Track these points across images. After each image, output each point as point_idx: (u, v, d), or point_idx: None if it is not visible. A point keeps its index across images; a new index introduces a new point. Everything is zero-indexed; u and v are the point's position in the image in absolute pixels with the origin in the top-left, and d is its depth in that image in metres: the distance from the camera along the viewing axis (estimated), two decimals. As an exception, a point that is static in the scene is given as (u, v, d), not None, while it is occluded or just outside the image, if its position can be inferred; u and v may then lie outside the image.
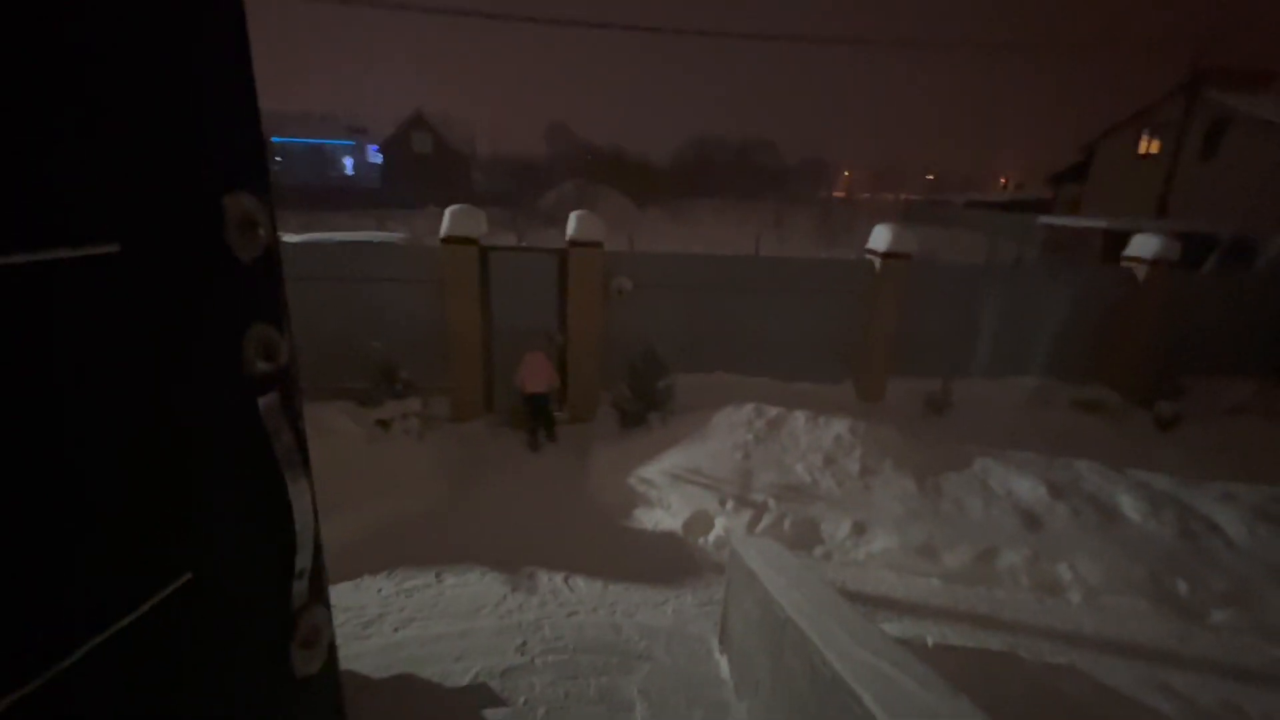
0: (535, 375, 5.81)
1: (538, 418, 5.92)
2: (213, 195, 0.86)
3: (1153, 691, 2.80)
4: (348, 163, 40.53)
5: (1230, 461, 5.97)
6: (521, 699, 2.41)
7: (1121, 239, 8.23)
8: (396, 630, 3.15)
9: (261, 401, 0.93)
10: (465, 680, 2.51)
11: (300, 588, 1.00)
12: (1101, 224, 16.49)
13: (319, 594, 1.07)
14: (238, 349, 0.90)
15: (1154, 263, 7.19)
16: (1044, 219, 19.84)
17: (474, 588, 3.64)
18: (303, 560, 0.98)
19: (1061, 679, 2.76)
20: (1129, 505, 4.47)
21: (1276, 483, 4.75)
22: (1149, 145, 19.03)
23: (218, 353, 0.88)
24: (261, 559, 0.96)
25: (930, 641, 3.12)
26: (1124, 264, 7.50)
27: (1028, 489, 4.66)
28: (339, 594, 3.51)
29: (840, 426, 5.28)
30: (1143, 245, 7.34)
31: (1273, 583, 3.82)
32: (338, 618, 3.17)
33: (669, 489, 4.79)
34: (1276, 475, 5.09)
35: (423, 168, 34.32)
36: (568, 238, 6.21)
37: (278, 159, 36.32)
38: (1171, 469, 5.21)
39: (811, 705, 1.76)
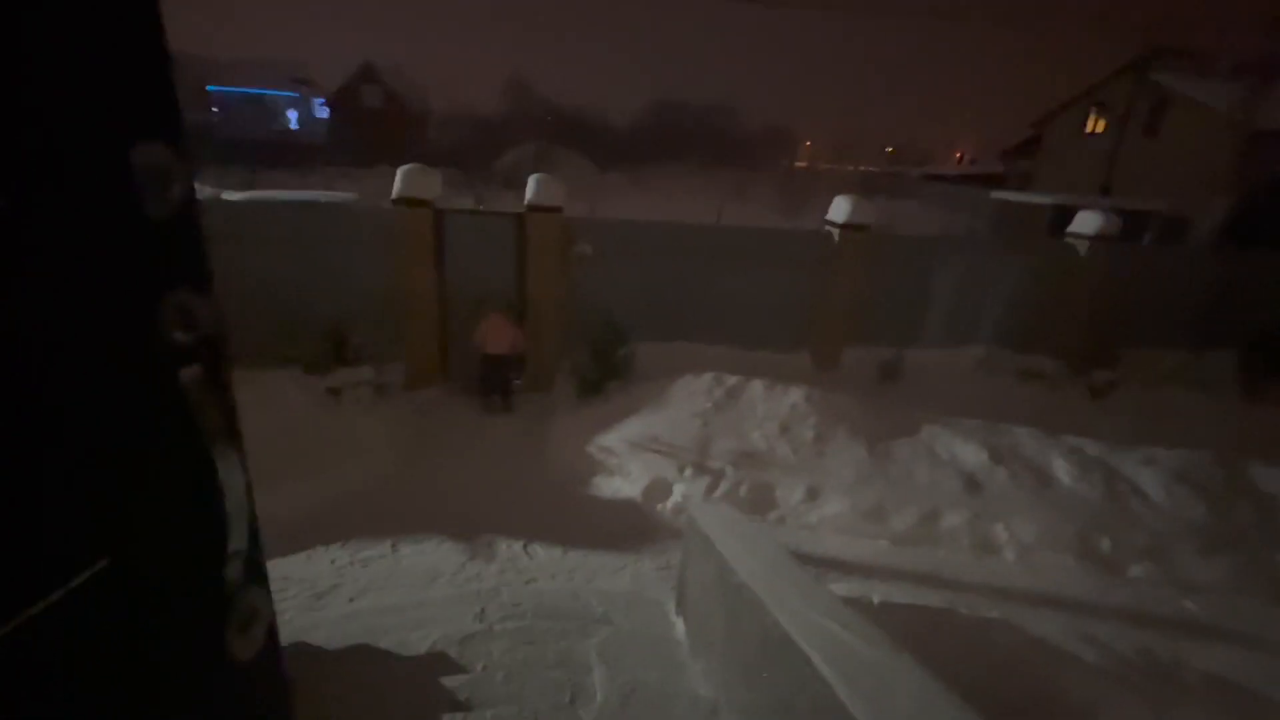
0: (497, 336, 5.71)
1: (493, 380, 5.83)
2: (116, 146, 0.77)
3: (1077, 641, 3.00)
4: (291, 116, 38.21)
5: (1157, 427, 6.37)
6: (480, 665, 2.41)
7: (1068, 213, 8.52)
8: (352, 600, 3.10)
9: (183, 374, 0.86)
10: (423, 649, 2.49)
11: (234, 569, 0.95)
12: (1049, 199, 17.03)
13: (255, 574, 1.03)
14: (152, 317, 0.83)
15: (1094, 238, 7.50)
16: (996, 194, 20.36)
17: (431, 557, 3.61)
18: (236, 541, 0.93)
19: (995, 632, 2.94)
20: (1061, 469, 4.73)
21: (1196, 447, 5.09)
22: (1096, 123, 19.63)
23: (128, 322, 0.81)
24: (190, 541, 0.91)
25: (876, 600, 3.26)
26: (1067, 239, 7.79)
27: (970, 454, 4.87)
28: (290, 566, 3.42)
29: (796, 395, 5.39)
30: (1085, 222, 7.62)
31: (1185, 539, 4.13)
32: (290, 590, 3.12)
33: (628, 457, 4.82)
34: (1197, 440, 5.45)
35: (373, 123, 32.70)
36: (526, 202, 6.04)
37: (214, 110, 33.98)
38: (1102, 435, 5.52)
39: (763, 664, 1.81)
